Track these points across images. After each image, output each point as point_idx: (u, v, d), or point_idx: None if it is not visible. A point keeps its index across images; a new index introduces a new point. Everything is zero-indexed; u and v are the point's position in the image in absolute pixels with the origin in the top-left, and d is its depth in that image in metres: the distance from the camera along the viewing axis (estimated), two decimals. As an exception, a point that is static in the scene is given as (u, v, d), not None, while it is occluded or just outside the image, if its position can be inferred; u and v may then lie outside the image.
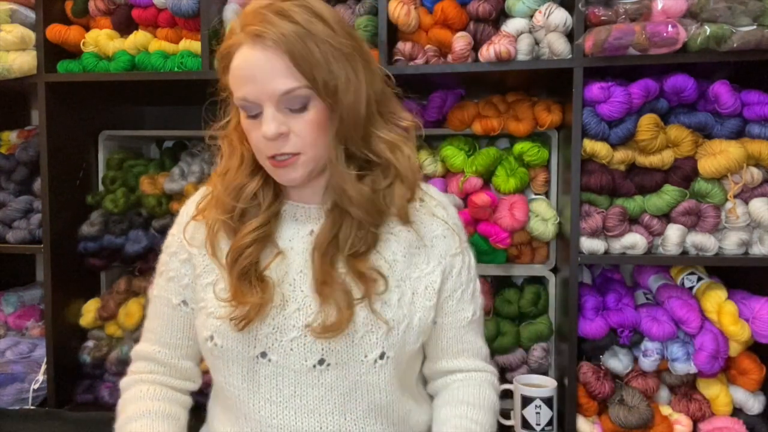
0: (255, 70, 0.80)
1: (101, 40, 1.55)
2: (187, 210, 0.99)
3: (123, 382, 1.00)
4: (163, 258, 1.00)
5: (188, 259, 0.95)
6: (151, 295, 1.01)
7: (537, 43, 1.43)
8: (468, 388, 0.98)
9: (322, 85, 0.80)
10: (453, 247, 0.97)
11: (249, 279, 0.87)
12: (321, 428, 0.88)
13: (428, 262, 0.94)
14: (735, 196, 1.36)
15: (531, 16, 1.42)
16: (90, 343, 1.68)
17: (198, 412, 1.04)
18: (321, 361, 0.88)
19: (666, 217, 1.41)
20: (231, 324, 0.87)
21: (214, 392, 1.00)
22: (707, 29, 1.26)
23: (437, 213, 0.97)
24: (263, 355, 0.88)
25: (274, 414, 0.88)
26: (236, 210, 0.90)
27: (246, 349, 0.88)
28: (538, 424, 1.40)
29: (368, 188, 0.87)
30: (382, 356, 0.89)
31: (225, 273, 0.89)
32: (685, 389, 1.45)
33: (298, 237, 0.93)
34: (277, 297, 0.88)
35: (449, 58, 1.45)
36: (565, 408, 1.43)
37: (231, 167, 0.91)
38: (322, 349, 0.88)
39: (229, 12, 1.52)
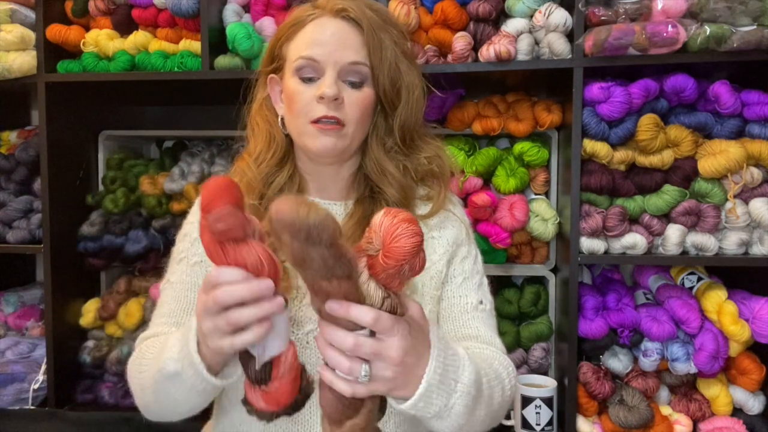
0: (331, 37, 0.87)
1: (101, 40, 1.55)
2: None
3: (129, 361, 0.90)
4: (182, 246, 0.97)
5: None
6: (164, 285, 0.98)
7: (537, 43, 1.43)
8: (474, 348, 0.91)
9: (385, 73, 0.87)
10: (459, 237, 0.98)
11: None
12: None
13: (435, 252, 0.95)
14: (735, 196, 1.36)
15: (531, 16, 1.42)
16: (90, 343, 1.68)
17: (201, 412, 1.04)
18: None
19: (666, 217, 1.41)
20: None
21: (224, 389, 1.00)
22: (707, 29, 1.26)
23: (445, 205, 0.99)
24: None
25: None
26: (265, 198, 0.91)
27: None
28: (538, 424, 1.40)
29: (400, 174, 0.92)
30: None
31: None
32: (685, 389, 1.45)
33: None
34: (293, 288, 0.88)
35: (449, 58, 1.45)
36: (565, 408, 1.43)
37: (261, 149, 0.93)
38: None
39: (229, 12, 1.52)
